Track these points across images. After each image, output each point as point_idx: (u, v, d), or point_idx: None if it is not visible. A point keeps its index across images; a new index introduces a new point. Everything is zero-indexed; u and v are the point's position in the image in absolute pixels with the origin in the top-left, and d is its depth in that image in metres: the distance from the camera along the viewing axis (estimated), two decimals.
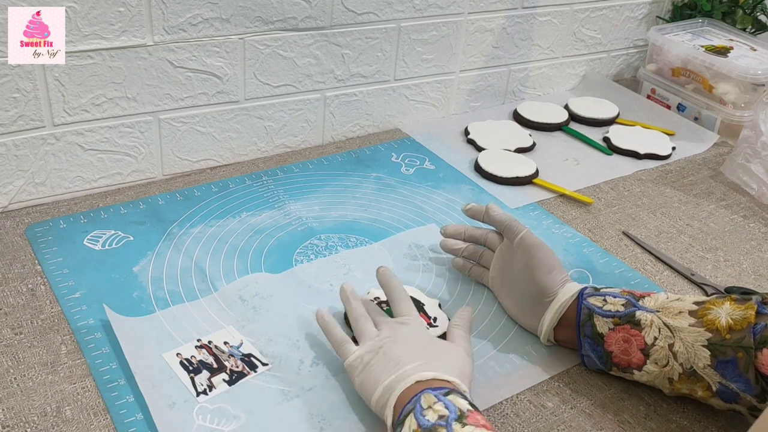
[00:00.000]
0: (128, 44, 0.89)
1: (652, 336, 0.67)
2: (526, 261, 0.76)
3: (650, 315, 0.68)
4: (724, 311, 0.65)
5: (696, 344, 0.65)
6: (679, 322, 0.66)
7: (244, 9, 0.95)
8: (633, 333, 0.68)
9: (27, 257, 0.82)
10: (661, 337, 0.67)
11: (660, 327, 0.67)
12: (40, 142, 0.89)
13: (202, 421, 0.64)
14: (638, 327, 0.68)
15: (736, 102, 1.21)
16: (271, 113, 1.04)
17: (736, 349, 0.63)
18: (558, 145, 1.17)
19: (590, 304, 0.71)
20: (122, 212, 0.91)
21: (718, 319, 0.65)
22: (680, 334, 0.66)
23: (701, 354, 0.65)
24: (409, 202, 0.99)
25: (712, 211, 1.03)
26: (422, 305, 0.78)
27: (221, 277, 0.82)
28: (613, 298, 0.71)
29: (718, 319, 0.65)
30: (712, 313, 0.66)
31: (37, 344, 0.71)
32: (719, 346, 0.64)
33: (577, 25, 1.29)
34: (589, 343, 0.71)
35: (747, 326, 0.63)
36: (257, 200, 0.96)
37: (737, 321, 0.64)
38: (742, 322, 0.63)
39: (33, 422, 0.63)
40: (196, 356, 0.70)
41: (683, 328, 0.66)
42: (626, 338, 0.68)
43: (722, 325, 0.64)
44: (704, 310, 0.66)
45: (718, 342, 0.64)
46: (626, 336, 0.68)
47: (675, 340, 0.66)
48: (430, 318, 0.76)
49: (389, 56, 1.11)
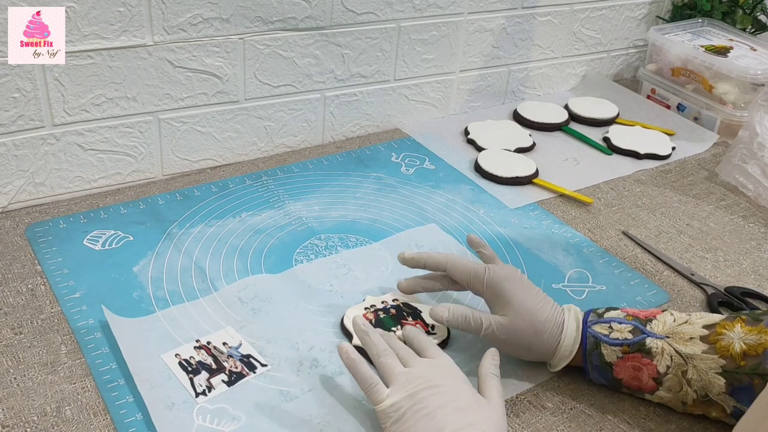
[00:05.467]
0: (128, 44, 0.89)
1: (665, 365, 0.65)
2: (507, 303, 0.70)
3: (660, 342, 0.66)
4: (737, 336, 0.63)
5: (710, 372, 0.64)
6: (691, 349, 0.65)
7: (244, 9, 0.95)
8: (644, 362, 0.66)
9: (27, 257, 0.82)
10: (673, 365, 0.65)
11: (672, 355, 0.65)
12: (40, 142, 0.89)
13: (202, 422, 0.64)
14: (649, 356, 0.66)
15: (736, 102, 1.21)
16: (271, 113, 1.04)
17: (752, 376, 0.62)
18: (558, 145, 1.17)
19: (596, 332, 0.69)
20: (122, 212, 0.91)
21: (731, 345, 0.63)
22: (693, 361, 0.64)
23: (716, 382, 0.63)
24: (409, 202, 0.99)
25: (712, 211, 1.03)
26: (419, 312, 0.78)
27: (221, 277, 0.82)
28: (619, 324, 0.68)
29: (732, 345, 0.63)
30: (725, 339, 0.64)
31: (37, 344, 0.71)
32: (734, 373, 0.63)
33: (577, 25, 1.29)
34: (597, 370, 0.69)
35: (762, 352, 0.61)
36: (257, 200, 0.96)
37: (751, 346, 0.62)
38: (757, 347, 0.62)
39: (33, 422, 0.63)
40: (195, 357, 0.70)
41: (696, 356, 0.64)
42: (636, 367, 0.67)
43: (736, 352, 0.63)
44: (716, 335, 0.65)
45: (733, 369, 0.63)
46: (636, 365, 0.67)
47: (688, 368, 0.65)
48: (427, 325, 0.76)
49: (389, 56, 1.11)
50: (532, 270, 0.87)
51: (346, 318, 0.76)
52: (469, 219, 0.96)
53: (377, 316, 0.76)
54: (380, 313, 0.76)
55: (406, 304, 0.79)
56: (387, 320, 0.76)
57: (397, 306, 0.78)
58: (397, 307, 0.78)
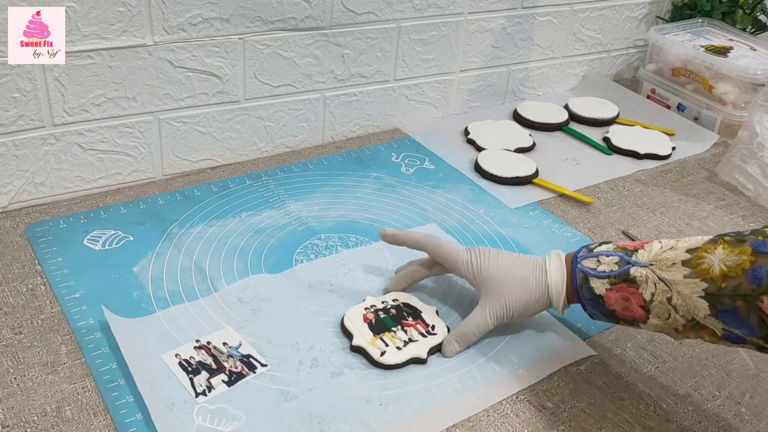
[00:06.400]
0: (128, 44, 0.89)
1: (650, 292, 0.66)
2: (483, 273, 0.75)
3: (644, 270, 0.66)
4: (717, 258, 0.63)
5: (693, 296, 0.63)
6: (673, 274, 0.65)
7: (244, 9, 0.95)
8: (630, 291, 0.67)
9: (27, 257, 0.82)
10: (658, 292, 0.65)
11: (656, 282, 0.66)
12: (40, 142, 0.89)
13: (202, 422, 0.64)
14: (635, 284, 0.67)
15: (736, 102, 1.21)
16: (271, 113, 1.04)
17: (734, 297, 0.61)
18: (558, 145, 1.17)
19: (584, 267, 0.70)
20: (122, 212, 0.91)
21: (711, 267, 0.63)
22: (676, 287, 0.64)
23: (700, 305, 0.63)
24: (409, 202, 0.99)
25: (712, 210, 1.03)
26: (419, 312, 0.78)
27: (221, 277, 0.82)
28: (606, 258, 0.69)
29: (712, 268, 0.63)
30: (706, 262, 0.63)
31: (37, 344, 0.71)
32: (716, 296, 0.62)
33: (577, 25, 1.29)
34: (591, 304, 0.70)
35: (742, 273, 0.61)
36: (257, 200, 0.96)
37: (731, 268, 0.61)
38: (736, 269, 0.61)
39: (33, 422, 0.63)
40: (194, 357, 0.70)
41: (678, 281, 0.64)
42: (625, 297, 0.67)
43: (716, 274, 0.62)
44: (697, 258, 0.64)
45: (715, 292, 0.62)
46: (624, 295, 0.67)
47: (672, 294, 0.65)
48: (427, 326, 0.76)
49: (389, 56, 1.11)
50: None
51: (346, 318, 0.76)
52: (469, 219, 0.96)
53: (377, 316, 0.76)
54: (380, 313, 0.76)
55: (406, 304, 0.78)
56: (387, 320, 0.76)
57: (397, 306, 0.78)
58: (397, 307, 0.78)
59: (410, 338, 0.74)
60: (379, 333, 0.74)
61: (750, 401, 0.72)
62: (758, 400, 0.72)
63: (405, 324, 0.75)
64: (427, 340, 0.74)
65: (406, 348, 0.73)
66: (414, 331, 0.75)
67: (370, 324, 0.75)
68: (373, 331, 0.74)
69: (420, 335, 0.75)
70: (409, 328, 0.75)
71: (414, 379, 0.71)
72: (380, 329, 0.74)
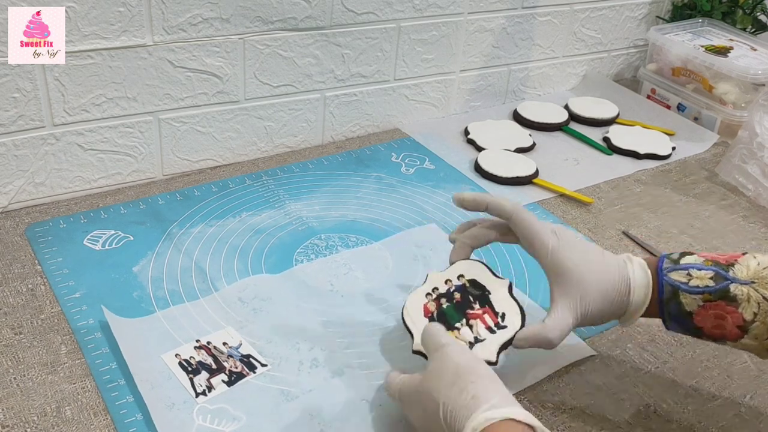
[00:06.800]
0: (128, 44, 0.89)
1: (751, 312, 0.61)
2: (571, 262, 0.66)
3: (746, 288, 0.61)
4: None
5: None
6: None
7: (244, 9, 0.95)
8: (729, 310, 0.62)
9: (27, 257, 0.82)
10: (761, 312, 0.61)
11: (759, 301, 0.61)
12: (40, 142, 0.89)
13: (202, 422, 0.64)
14: (734, 303, 0.62)
15: (736, 102, 1.21)
16: (271, 113, 1.04)
17: None
18: (558, 145, 1.17)
19: (673, 281, 0.64)
20: (122, 212, 0.91)
21: None
22: None
23: None
24: (410, 202, 0.99)
25: (713, 210, 1.03)
26: (487, 294, 0.68)
27: (221, 277, 0.82)
28: (698, 271, 0.64)
29: None
30: None
31: (37, 344, 0.71)
32: None
33: (577, 24, 1.29)
34: (676, 321, 0.65)
35: None
36: (257, 200, 0.96)
37: None
38: None
39: (33, 422, 0.63)
40: (195, 357, 0.70)
41: None
42: (720, 315, 0.62)
43: None
44: None
45: None
46: (720, 313, 0.62)
47: None
48: (497, 315, 0.66)
49: (389, 56, 1.11)
50: (532, 270, 0.87)
51: (406, 313, 0.68)
52: (469, 219, 0.96)
53: (440, 306, 0.68)
54: (443, 301, 0.68)
55: (473, 282, 0.69)
56: (450, 312, 0.67)
57: (462, 287, 0.69)
58: (462, 289, 0.69)
59: (476, 337, 0.66)
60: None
61: (750, 402, 0.72)
62: (759, 401, 0.72)
63: (470, 315, 0.67)
64: (495, 336, 0.66)
65: (473, 351, 0.65)
66: (481, 326, 0.66)
67: (431, 319, 0.67)
68: None
69: (488, 331, 0.66)
70: (476, 322, 0.67)
71: None
72: (443, 325, 0.66)
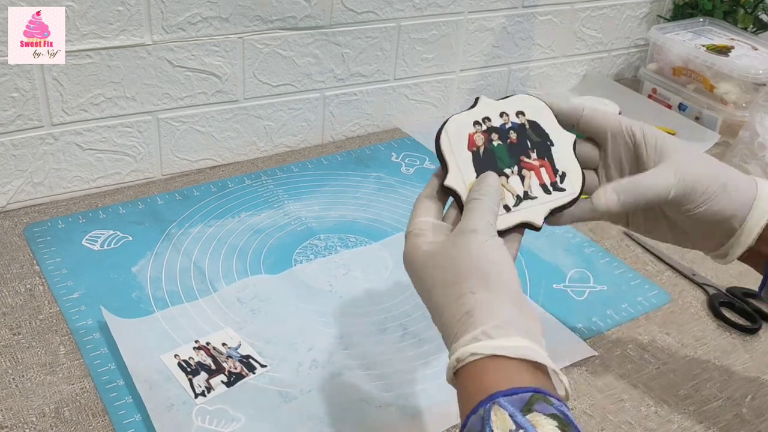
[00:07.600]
0: (127, 43, 0.89)
1: None
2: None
3: None
4: None
5: None
6: None
7: (243, 8, 0.95)
8: None
9: (25, 257, 0.82)
10: None
11: None
12: (39, 142, 0.89)
13: (201, 422, 0.64)
14: None
15: (737, 102, 1.21)
16: (271, 113, 1.04)
17: None
18: None
19: None
20: (121, 212, 0.91)
21: None
22: None
23: None
24: (410, 202, 0.98)
25: None
26: (550, 145, 0.57)
27: (220, 277, 0.82)
28: None
29: None
30: None
31: (36, 345, 0.71)
32: None
33: (577, 24, 1.29)
34: None
35: None
36: (256, 200, 0.96)
37: None
38: None
39: (31, 423, 0.63)
40: (194, 357, 0.70)
41: None
42: None
43: None
44: None
45: None
46: None
47: None
48: (556, 173, 0.56)
49: (389, 55, 1.10)
50: (532, 270, 0.86)
51: (444, 136, 0.55)
52: None
53: (489, 142, 0.56)
54: (494, 137, 0.56)
55: (534, 125, 0.58)
56: (501, 153, 0.56)
57: (521, 126, 0.58)
58: (520, 129, 0.58)
59: (527, 192, 0.56)
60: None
61: (751, 403, 0.72)
62: (759, 401, 0.72)
63: (524, 164, 0.56)
64: (550, 198, 0.56)
65: (518, 207, 0.55)
66: (535, 181, 0.56)
67: (476, 155, 0.55)
68: (477, 168, 0.54)
69: (541, 188, 0.56)
70: (529, 174, 0.56)
71: (413, 380, 0.70)
72: (489, 166, 0.55)
